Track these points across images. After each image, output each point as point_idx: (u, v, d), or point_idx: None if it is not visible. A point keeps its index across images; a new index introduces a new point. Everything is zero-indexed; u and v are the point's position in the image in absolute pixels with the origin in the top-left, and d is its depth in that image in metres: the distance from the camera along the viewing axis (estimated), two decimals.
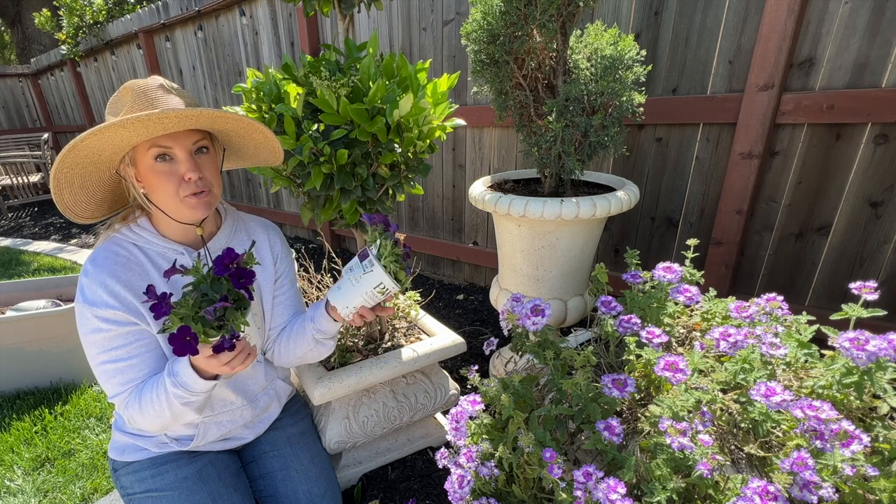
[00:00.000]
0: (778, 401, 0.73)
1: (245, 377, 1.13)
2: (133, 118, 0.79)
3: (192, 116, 0.84)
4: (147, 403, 0.92)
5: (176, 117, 0.83)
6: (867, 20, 1.46)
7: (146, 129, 0.83)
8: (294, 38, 3.27)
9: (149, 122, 0.81)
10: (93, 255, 0.96)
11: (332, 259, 1.89)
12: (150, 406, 0.92)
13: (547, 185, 1.62)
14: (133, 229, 1.00)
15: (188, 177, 0.91)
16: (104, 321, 0.92)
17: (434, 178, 2.85)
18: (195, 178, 0.92)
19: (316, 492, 1.16)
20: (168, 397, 0.90)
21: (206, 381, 0.89)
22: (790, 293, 1.79)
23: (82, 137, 0.80)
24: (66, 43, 5.65)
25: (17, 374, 1.97)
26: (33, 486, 1.51)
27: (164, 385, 0.91)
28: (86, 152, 0.86)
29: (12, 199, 5.59)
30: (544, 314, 0.97)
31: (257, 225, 1.19)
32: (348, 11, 1.24)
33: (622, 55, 1.43)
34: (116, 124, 0.79)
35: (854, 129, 1.55)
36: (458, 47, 2.42)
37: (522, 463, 0.88)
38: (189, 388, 0.89)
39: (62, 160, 0.84)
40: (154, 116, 0.80)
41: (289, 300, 1.19)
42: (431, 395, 1.48)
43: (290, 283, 1.20)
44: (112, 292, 0.92)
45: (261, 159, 1.10)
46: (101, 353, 0.93)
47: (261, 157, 1.09)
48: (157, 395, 0.91)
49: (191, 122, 0.86)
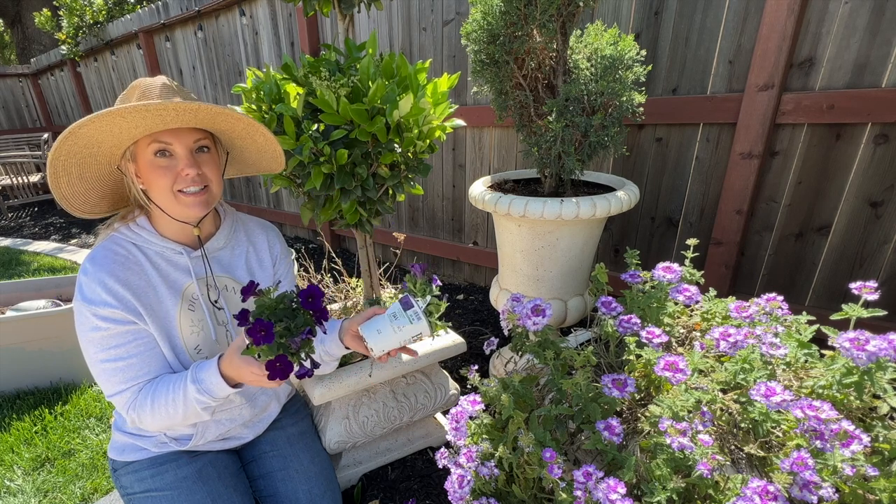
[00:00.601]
0: (778, 401, 0.73)
1: None
2: (130, 107, 0.79)
3: (191, 111, 0.84)
4: (161, 405, 0.93)
5: (174, 109, 0.82)
6: (867, 20, 1.46)
7: (144, 121, 0.83)
8: (294, 38, 3.27)
9: (146, 112, 0.80)
10: (91, 254, 0.96)
11: (332, 259, 1.89)
12: (164, 407, 0.93)
13: (547, 185, 1.62)
14: (132, 228, 1.00)
15: (185, 172, 0.91)
16: (103, 319, 0.92)
17: (434, 178, 2.85)
18: (193, 174, 0.92)
19: (316, 491, 1.16)
20: (187, 402, 0.92)
21: (231, 388, 0.91)
22: (790, 293, 1.79)
23: (80, 124, 0.80)
24: (66, 43, 5.65)
25: (17, 374, 1.97)
26: (33, 486, 1.51)
27: (183, 389, 0.92)
28: (84, 141, 0.86)
29: (12, 199, 5.59)
30: (545, 314, 0.97)
31: (256, 226, 1.19)
32: (348, 11, 1.24)
33: (622, 55, 1.43)
34: (113, 112, 0.79)
35: (854, 129, 1.55)
36: (458, 47, 2.42)
37: (522, 463, 0.88)
38: (214, 395, 0.92)
39: (59, 147, 0.84)
40: (152, 107, 0.80)
41: None
42: (431, 395, 1.48)
43: (289, 285, 1.21)
44: (111, 291, 0.92)
45: (263, 166, 1.10)
46: (100, 351, 0.93)
47: (263, 164, 1.10)
48: (173, 398, 0.92)
49: (189, 116, 0.86)
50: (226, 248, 1.10)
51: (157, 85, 0.92)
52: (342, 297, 1.68)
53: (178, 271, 1.02)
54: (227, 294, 1.09)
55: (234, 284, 1.10)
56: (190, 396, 0.91)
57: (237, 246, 1.12)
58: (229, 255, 1.11)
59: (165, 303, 0.99)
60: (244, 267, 1.12)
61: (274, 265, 1.18)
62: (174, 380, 0.94)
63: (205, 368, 0.92)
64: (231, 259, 1.11)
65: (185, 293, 1.02)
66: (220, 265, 1.09)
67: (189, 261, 1.03)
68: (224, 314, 1.07)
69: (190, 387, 0.91)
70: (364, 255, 1.43)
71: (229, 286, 1.09)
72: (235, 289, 1.10)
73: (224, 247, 1.10)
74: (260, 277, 1.14)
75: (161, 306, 0.99)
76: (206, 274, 1.05)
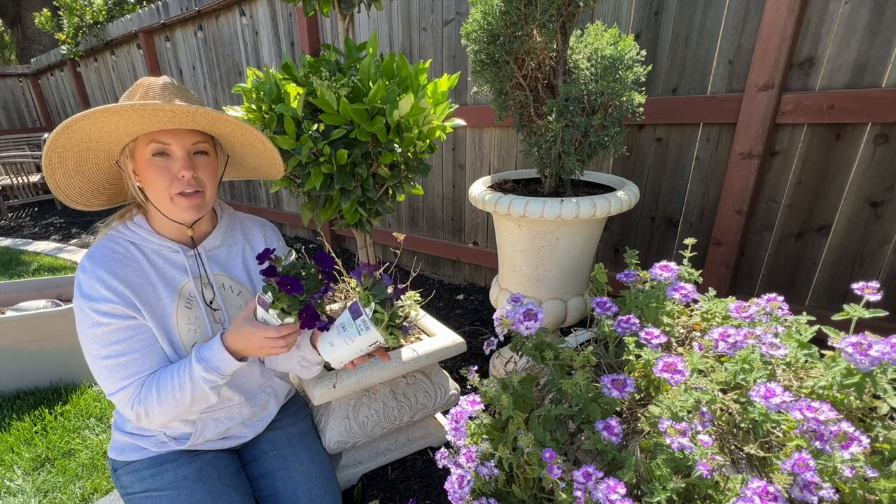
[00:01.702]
0: (778, 402, 0.73)
1: (241, 374, 1.14)
2: (127, 105, 0.79)
3: (189, 113, 0.84)
4: (167, 392, 0.93)
5: (171, 111, 0.82)
6: (867, 20, 1.46)
7: (141, 120, 0.83)
8: (294, 38, 3.27)
9: (143, 111, 0.81)
10: (90, 252, 0.96)
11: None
12: (171, 394, 0.93)
13: (547, 185, 1.62)
14: (129, 227, 1.00)
15: (181, 174, 0.91)
16: (103, 315, 0.92)
17: (434, 178, 2.85)
18: (188, 177, 0.92)
19: (316, 491, 1.16)
20: (195, 383, 0.92)
21: (239, 361, 0.93)
22: (790, 293, 1.79)
23: (76, 118, 0.81)
24: (66, 43, 5.65)
25: (17, 374, 1.97)
26: (33, 486, 1.51)
27: (189, 372, 0.92)
28: (80, 135, 0.86)
29: (12, 199, 5.59)
30: (537, 318, 0.96)
31: (253, 224, 1.19)
32: (348, 11, 1.24)
33: (622, 55, 1.43)
34: (110, 109, 0.79)
35: (854, 129, 1.55)
36: (458, 47, 2.42)
37: (522, 463, 0.88)
38: (222, 372, 0.92)
39: (55, 139, 0.85)
40: (149, 107, 0.80)
41: None
42: (431, 395, 1.48)
43: None
44: (109, 287, 0.92)
45: (262, 172, 1.11)
46: (102, 347, 0.93)
47: (261, 170, 1.11)
48: (180, 383, 0.93)
49: (187, 118, 0.86)
50: (222, 247, 1.10)
51: (159, 84, 0.92)
52: (342, 297, 1.68)
53: (174, 269, 1.02)
54: (225, 293, 1.09)
55: (232, 283, 1.10)
56: (197, 377, 0.92)
57: (234, 244, 1.13)
58: (226, 254, 1.11)
59: (163, 300, 0.99)
60: (241, 265, 1.12)
61: None
62: (177, 367, 0.95)
63: (208, 348, 0.93)
64: (228, 257, 1.11)
65: (181, 291, 1.02)
66: (217, 264, 1.09)
67: (185, 259, 1.03)
68: (222, 314, 1.07)
69: (196, 367, 0.92)
70: (364, 255, 1.43)
71: (227, 284, 1.09)
72: (233, 287, 1.10)
73: (220, 245, 1.10)
74: (257, 276, 1.14)
75: (159, 303, 0.99)
76: (200, 273, 1.05)
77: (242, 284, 1.12)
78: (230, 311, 1.08)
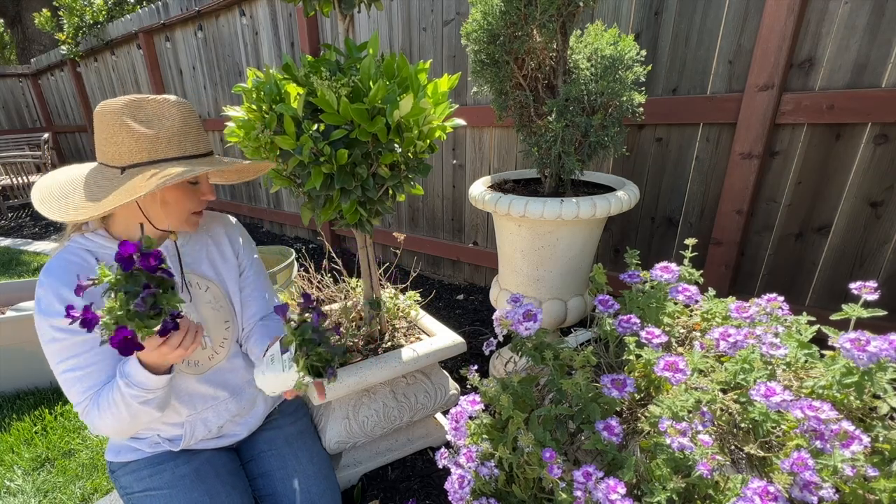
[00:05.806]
0: (778, 401, 0.73)
1: (223, 370, 1.14)
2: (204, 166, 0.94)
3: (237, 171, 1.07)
4: (105, 408, 0.91)
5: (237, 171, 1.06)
6: (867, 20, 1.46)
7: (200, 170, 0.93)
8: (294, 38, 3.27)
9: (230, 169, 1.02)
10: (46, 266, 0.94)
11: (332, 259, 1.88)
12: (108, 409, 0.91)
13: (547, 185, 1.62)
14: (87, 237, 0.98)
15: (207, 197, 1.03)
16: (59, 330, 0.90)
17: (434, 178, 2.85)
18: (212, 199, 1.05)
19: (314, 491, 1.16)
20: (124, 399, 0.89)
21: (160, 376, 0.88)
22: (790, 293, 1.79)
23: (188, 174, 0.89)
24: (66, 43, 5.65)
25: (17, 374, 1.97)
26: (33, 486, 1.51)
27: (118, 388, 0.89)
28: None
29: (12, 199, 5.59)
30: (536, 319, 0.96)
31: (213, 221, 1.19)
32: (348, 11, 1.24)
33: (622, 55, 1.43)
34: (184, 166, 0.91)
35: (854, 129, 1.55)
36: (458, 47, 2.42)
37: (522, 463, 0.88)
38: (144, 386, 0.88)
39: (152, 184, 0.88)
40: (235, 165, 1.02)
41: (257, 290, 1.20)
42: (431, 395, 1.48)
43: (255, 274, 1.21)
44: (65, 301, 0.90)
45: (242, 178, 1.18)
46: (60, 362, 0.92)
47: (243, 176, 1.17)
48: (113, 398, 0.90)
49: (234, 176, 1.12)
50: (186, 245, 1.10)
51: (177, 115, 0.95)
52: (342, 297, 1.68)
53: None
54: (193, 289, 1.09)
55: (199, 280, 1.10)
56: (124, 393, 0.88)
57: (197, 241, 1.13)
58: (189, 251, 1.11)
59: None
60: (206, 262, 1.13)
61: (237, 256, 1.18)
62: (113, 382, 0.92)
63: (128, 362, 0.90)
64: (193, 254, 1.11)
65: None
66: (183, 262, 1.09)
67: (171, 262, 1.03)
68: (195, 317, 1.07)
69: (119, 383, 0.89)
70: (364, 255, 1.43)
71: (194, 281, 1.09)
72: (200, 284, 1.10)
73: (185, 244, 1.10)
74: (224, 271, 1.15)
75: None
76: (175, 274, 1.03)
77: (210, 280, 1.12)
78: (200, 309, 1.09)
